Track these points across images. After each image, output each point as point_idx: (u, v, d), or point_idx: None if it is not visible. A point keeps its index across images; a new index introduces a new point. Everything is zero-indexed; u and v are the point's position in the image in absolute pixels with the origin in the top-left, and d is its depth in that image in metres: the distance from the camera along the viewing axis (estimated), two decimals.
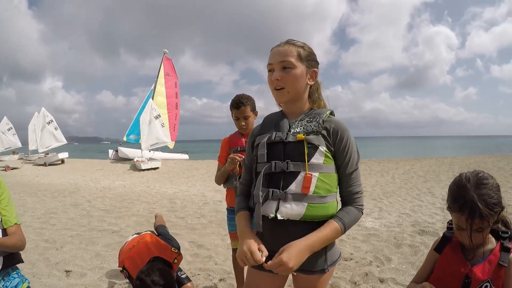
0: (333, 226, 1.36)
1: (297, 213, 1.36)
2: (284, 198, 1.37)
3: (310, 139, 1.38)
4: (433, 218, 5.60)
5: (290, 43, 1.47)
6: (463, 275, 1.37)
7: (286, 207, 1.37)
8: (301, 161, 1.37)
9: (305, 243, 1.31)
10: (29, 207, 7.23)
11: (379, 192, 8.38)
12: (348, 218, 1.40)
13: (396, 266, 3.59)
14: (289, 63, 1.43)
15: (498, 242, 1.40)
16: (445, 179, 10.29)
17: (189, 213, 6.52)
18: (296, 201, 1.36)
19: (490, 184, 1.34)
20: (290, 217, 1.37)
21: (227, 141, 2.79)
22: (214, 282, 3.35)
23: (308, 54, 1.48)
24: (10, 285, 1.69)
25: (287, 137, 1.42)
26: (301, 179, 1.36)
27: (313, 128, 1.42)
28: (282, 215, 1.37)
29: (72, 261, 3.94)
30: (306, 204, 1.36)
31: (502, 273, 1.34)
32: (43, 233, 5.17)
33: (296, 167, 1.38)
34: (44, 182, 12.65)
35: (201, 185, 11.00)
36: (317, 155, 1.37)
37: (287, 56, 1.43)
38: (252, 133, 1.62)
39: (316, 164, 1.37)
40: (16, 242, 1.67)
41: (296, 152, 1.39)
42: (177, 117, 26.85)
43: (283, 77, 1.43)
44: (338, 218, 1.38)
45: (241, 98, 2.68)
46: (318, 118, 1.44)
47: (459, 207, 1.34)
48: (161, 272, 2.06)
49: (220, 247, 4.42)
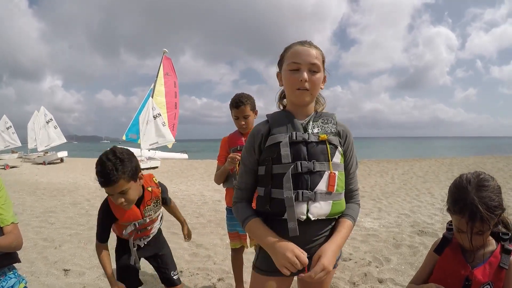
0: (349, 224, 1.46)
1: (325, 212, 1.41)
2: (314, 198, 1.38)
3: (331, 139, 1.44)
4: (432, 219, 5.60)
5: (314, 46, 1.47)
6: (464, 277, 1.36)
7: (316, 207, 1.38)
8: (325, 160, 1.41)
9: (335, 245, 1.37)
10: (28, 206, 7.22)
11: (378, 193, 8.37)
12: (355, 214, 1.51)
13: (395, 267, 3.59)
14: (317, 66, 1.44)
15: (499, 244, 1.38)
16: (444, 180, 10.29)
17: (188, 213, 6.50)
18: (323, 200, 1.40)
19: (491, 186, 1.32)
20: (320, 217, 1.39)
21: (227, 140, 2.78)
22: (213, 282, 3.34)
23: (325, 60, 1.51)
24: (6, 285, 1.67)
25: (309, 137, 1.42)
26: (326, 178, 1.40)
27: (331, 129, 1.47)
28: (314, 215, 1.38)
29: (71, 260, 3.93)
30: (331, 202, 1.41)
31: (503, 275, 1.33)
32: (41, 231, 5.16)
33: (321, 167, 1.40)
34: (43, 180, 12.62)
35: (200, 184, 10.98)
36: (337, 155, 1.45)
37: (316, 59, 1.44)
38: (257, 133, 1.51)
39: (336, 163, 1.44)
40: (10, 242, 1.63)
41: (320, 152, 1.41)
42: (176, 116, 26.82)
43: (310, 79, 1.43)
44: (349, 216, 1.48)
45: (240, 97, 2.67)
46: (332, 120, 1.50)
47: (460, 209, 1.33)
48: (119, 150, 1.90)
49: (219, 247, 4.41)
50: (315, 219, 1.38)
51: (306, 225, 1.38)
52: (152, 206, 2.10)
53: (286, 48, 1.50)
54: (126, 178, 1.84)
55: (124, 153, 1.88)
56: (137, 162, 1.94)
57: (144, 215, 2.09)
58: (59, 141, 23.48)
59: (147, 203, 2.07)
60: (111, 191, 1.86)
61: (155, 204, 2.12)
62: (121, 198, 1.87)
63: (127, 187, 1.86)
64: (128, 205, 1.94)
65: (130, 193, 1.89)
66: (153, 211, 2.12)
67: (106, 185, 1.82)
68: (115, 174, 1.79)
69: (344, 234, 1.42)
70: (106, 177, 1.79)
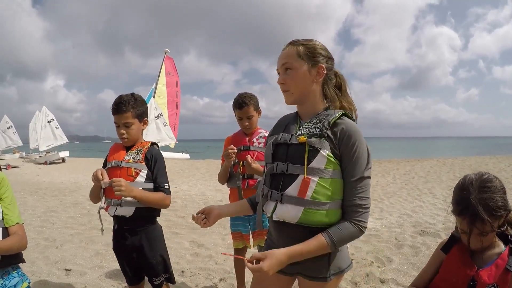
0: (320, 241, 1.29)
1: (292, 216, 1.34)
2: (281, 199, 1.37)
3: (312, 142, 1.32)
4: (434, 219, 5.58)
5: (290, 44, 1.46)
6: (469, 277, 1.35)
7: (282, 209, 1.37)
8: (301, 164, 1.33)
9: (285, 252, 1.28)
10: (30, 206, 7.23)
11: (380, 193, 8.36)
12: (339, 235, 1.30)
13: (397, 267, 3.58)
14: (289, 64, 1.43)
15: (507, 246, 1.37)
16: (446, 180, 10.26)
17: (190, 213, 6.50)
18: (293, 204, 1.33)
19: (494, 186, 1.31)
20: (285, 219, 1.37)
21: (231, 140, 2.76)
22: (215, 282, 3.33)
23: (310, 51, 1.41)
24: (9, 284, 1.68)
25: (291, 139, 1.41)
26: (299, 183, 1.33)
27: (316, 130, 1.35)
28: (277, 216, 1.39)
29: (72, 259, 3.93)
30: (302, 208, 1.32)
31: (509, 278, 1.31)
32: (43, 231, 5.17)
33: (295, 170, 1.35)
34: (45, 180, 12.64)
35: (202, 184, 10.98)
36: (318, 159, 1.31)
37: (286, 58, 1.43)
38: (269, 134, 1.66)
39: (316, 168, 1.31)
40: (12, 244, 1.62)
41: (297, 154, 1.36)
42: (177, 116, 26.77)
43: (285, 79, 1.44)
44: (327, 233, 1.30)
45: (243, 97, 2.64)
46: (324, 120, 1.36)
47: (461, 210, 1.32)
48: (137, 94, 2.23)
49: (221, 247, 4.41)
50: (278, 220, 1.40)
51: (282, 226, 1.41)
52: (134, 153, 2.19)
53: None
54: (134, 113, 2.15)
55: (140, 97, 2.23)
56: (146, 108, 2.27)
57: (124, 159, 2.19)
58: (61, 141, 23.51)
59: (132, 149, 2.22)
60: (118, 119, 2.14)
61: (137, 152, 2.18)
62: (124, 130, 2.14)
63: (132, 122, 2.15)
64: (127, 140, 2.18)
65: (132, 128, 2.16)
66: (131, 158, 2.16)
67: (116, 113, 2.13)
68: (127, 106, 2.11)
69: (305, 248, 1.28)
70: (119, 106, 2.12)
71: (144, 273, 2.29)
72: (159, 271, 2.22)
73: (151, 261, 2.19)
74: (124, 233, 2.19)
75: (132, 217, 2.12)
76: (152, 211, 2.20)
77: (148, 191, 2.10)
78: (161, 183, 2.15)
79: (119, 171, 2.13)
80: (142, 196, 2.03)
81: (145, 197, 2.05)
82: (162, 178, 2.17)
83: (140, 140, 2.26)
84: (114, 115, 2.15)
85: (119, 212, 2.11)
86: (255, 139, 2.68)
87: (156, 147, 2.29)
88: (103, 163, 2.32)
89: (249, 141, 2.69)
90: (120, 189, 1.90)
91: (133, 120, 2.15)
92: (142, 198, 2.04)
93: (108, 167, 2.20)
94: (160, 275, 2.22)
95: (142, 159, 2.15)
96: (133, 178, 2.10)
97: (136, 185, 2.08)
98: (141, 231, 2.18)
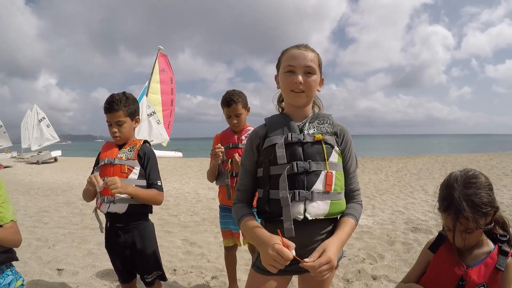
0: (351, 223, 1.43)
1: (323, 212, 1.40)
2: (311, 197, 1.38)
3: (327, 139, 1.45)
4: (426, 216, 5.63)
5: (311, 49, 1.50)
6: (458, 277, 1.34)
7: (314, 207, 1.39)
8: (321, 160, 1.42)
9: (339, 240, 1.34)
10: (22, 206, 7.16)
11: (372, 190, 8.42)
12: (358, 214, 1.49)
13: (389, 264, 3.61)
14: (312, 69, 1.47)
15: (496, 245, 1.36)
16: (438, 177, 10.35)
17: (182, 211, 6.50)
18: (321, 199, 1.40)
19: (479, 183, 1.30)
20: (318, 216, 1.39)
21: (219, 138, 2.76)
22: (207, 280, 3.34)
23: (320, 62, 1.53)
24: (3, 283, 1.69)
25: (305, 137, 1.44)
26: (323, 178, 1.40)
27: (327, 129, 1.49)
28: (311, 215, 1.38)
29: (64, 259, 3.91)
30: (329, 202, 1.41)
31: (498, 277, 1.30)
32: (35, 231, 5.12)
33: (318, 166, 1.41)
34: (37, 180, 12.53)
35: (195, 182, 10.96)
36: (334, 154, 1.45)
37: (312, 62, 1.46)
38: (255, 135, 1.55)
39: (333, 163, 1.44)
40: (6, 234, 1.65)
41: (316, 152, 1.43)
42: (171, 114, 26.61)
43: (305, 81, 1.46)
44: (351, 215, 1.46)
45: (232, 95, 2.63)
46: (328, 120, 1.51)
47: (445, 207, 1.32)
48: (128, 93, 2.27)
49: (213, 245, 4.41)
50: (312, 218, 1.38)
51: (304, 225, 1.38)
52: (127, 150, 2.21)
53: (283, 52, 1.54)
54: (125, 112, 2.17)
55: (131, 96, 2.26)
56: (138, 107, 2.31)
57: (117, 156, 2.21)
58: (52, 140, 23.31)
59: (125, 146, 2.24)
60: (111, 118, 2.16)
61: (130, 150, 2.20)
62: (116, 128, 2.16)
63: (124, 120, 2.17)
64: (119, 138, 2.20)
65: (124, 126, 2.19)
66: (125, 155, 2.18)
67: (108, 111, 2.16)
68: (119, 104, 2.14)
69: (347, 232, 1.40)
70: (111, 105, 2.14)
71: (136, 270, 2.30)
72: (151, 268, 2.23)
73: (143, 258, 2.20)
74: (117, 231, 2.19)
75: (125, 214, 2.13)
76: (145, 208, 2.21)
77: (141, 188, 2.12)
78: (154, 180, 2.17)
79: (112, 168, 2.15)
80: (136, 193, 2.05)
81: (139, 193, 2.06)
82: (155, 175, 2.20)
83: (132, 138, 2.28)
84: (106, 114, 2.17)
85: (112, 209, 2.12)
86: (244, 137, 2.67)
87: (148, 145, 2.30)
88: (95, 161, 2.32)
89: (237, 139, 2.68)
90: (116, 187, 1.91)
91: (125, 119, 2.18)
92: (136, 194, 2.05)
93: (101, 164, 2.20)
94: (152, 273, 2.23)
95: (135, 157, 2.17)
96: (126, 175, 2.12)
97: (129, 182, 2.09)
98: (134, 228, 2.19)
